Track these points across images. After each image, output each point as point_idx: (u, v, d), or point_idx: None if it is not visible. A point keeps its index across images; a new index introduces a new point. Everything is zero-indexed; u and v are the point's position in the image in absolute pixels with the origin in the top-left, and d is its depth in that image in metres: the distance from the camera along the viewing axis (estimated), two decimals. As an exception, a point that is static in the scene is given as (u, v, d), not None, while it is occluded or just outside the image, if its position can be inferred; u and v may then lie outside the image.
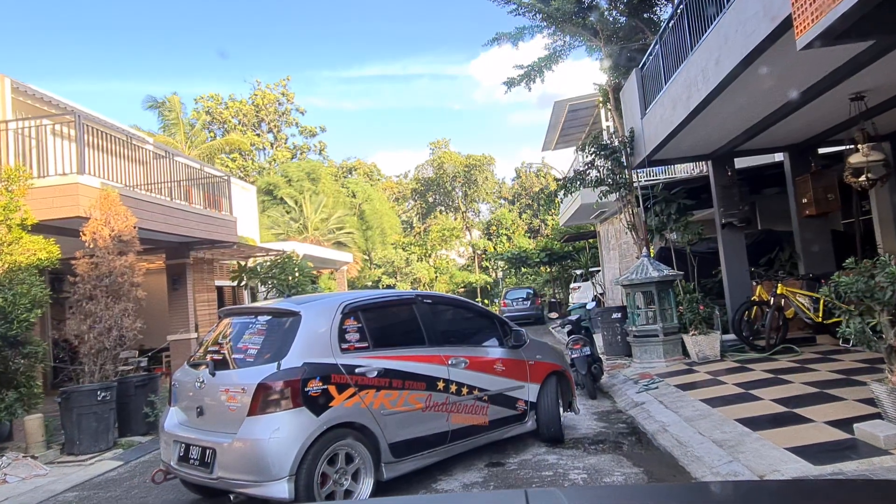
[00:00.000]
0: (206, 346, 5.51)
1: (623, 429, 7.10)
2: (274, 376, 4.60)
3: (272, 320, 5.22)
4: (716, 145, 10.53)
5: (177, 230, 12.65)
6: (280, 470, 4.45)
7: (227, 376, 4.89)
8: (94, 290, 9.01)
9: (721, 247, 10.96)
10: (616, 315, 11.20)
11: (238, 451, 4.57)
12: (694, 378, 8.67)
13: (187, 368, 5.45)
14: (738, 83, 6.83)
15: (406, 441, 5.17)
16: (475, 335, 6.42)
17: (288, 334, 4.90)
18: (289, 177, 36.70)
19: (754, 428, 5.76)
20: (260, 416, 4.54)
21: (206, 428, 4.89)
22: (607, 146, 11.10)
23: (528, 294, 27.42)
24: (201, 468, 4.75)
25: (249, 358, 4.95)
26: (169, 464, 5.12)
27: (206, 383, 4.94)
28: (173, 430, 5.15)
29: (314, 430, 4.61)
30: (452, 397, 5.60)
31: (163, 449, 5.32)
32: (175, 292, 14.90)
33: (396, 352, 5.40)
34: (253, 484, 4.51)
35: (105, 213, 9.30)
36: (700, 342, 9.74)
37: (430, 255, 40.24)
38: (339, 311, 5.18)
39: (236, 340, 5.18)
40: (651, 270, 10.21)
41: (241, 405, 4.62)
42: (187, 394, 5.20)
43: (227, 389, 4.77)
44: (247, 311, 5.73)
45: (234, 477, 4.58)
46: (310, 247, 23.10)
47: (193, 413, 5.03)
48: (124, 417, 8.60)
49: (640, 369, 9.96)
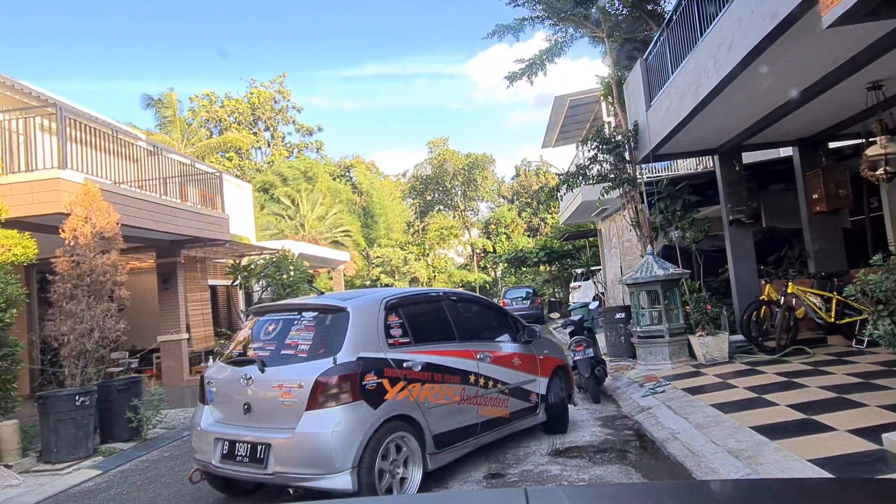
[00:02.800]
0: (238, 344, 5.56)
1: (629, 436, 6.71)
2: (332, 371, 4.65)
3: (319, 316, 5.18)
4: (723, 139, 10.15)
5: (166, 227, 12.26)
6: (344, 462, 4.51)
7: (279, 372, 4.86)
8: (74, 289, 8.59)
9: (728, 244, 10.58)
10: (619, 315, 10.81)
11: (299, 445, 4.58)
12: (702, 381, 8.29)
13: (224, 366, 5.39)
14: (751, 70, 6.45)
15: (446, 432, 5.32)
16: (494, 331, 6.64)
17: (338, 330, 4.94)
18: (285, 175, 36.33)
19: (772, 437, 5.38)
20: (319, 410, 4.58)
21: (256, 424, 4.84)
22: (610, 140, 10.71)
23: (528, 293, 27.05)
24: (252, 465, 4.71)
25: (301, 353, 4.93)
26: (209, 463, 5.01)
27: (254, 380, 4.89)
28: (212, 428, 5.09)
29: (373, 422, 4.70)
30: (481, 390, 5.81)
31: (198, 448, 5.22)
32: (165, 292, 14.51)
33: (434, 347, 5.55)
34: (315, 477, 4.54)
35: (86, 209, 8.90)
36: (707, 343, 9.36)
37: (427, 254, 39.80)
38: (383, 307, 5.28)
39: (282, 337, 5.14)
40: (656, 269, 9.83)
41: (298, 400, 4.64)
42: (229, 391, 5.14)
43: (281, 385, 4.76)
44: (286, 308, 5.60)
45: (294, 471, 4.59)
46: (306, 245, 22.72)
47: (238, 410, 4.96)
48: (106, 423, 8.22)
49: (646, 371, 9.57)
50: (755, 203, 10.46)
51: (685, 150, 10.82)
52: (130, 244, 13.60)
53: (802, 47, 5.92)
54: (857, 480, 3.23)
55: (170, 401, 11.94)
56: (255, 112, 48.84)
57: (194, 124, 42.45)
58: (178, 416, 9.97)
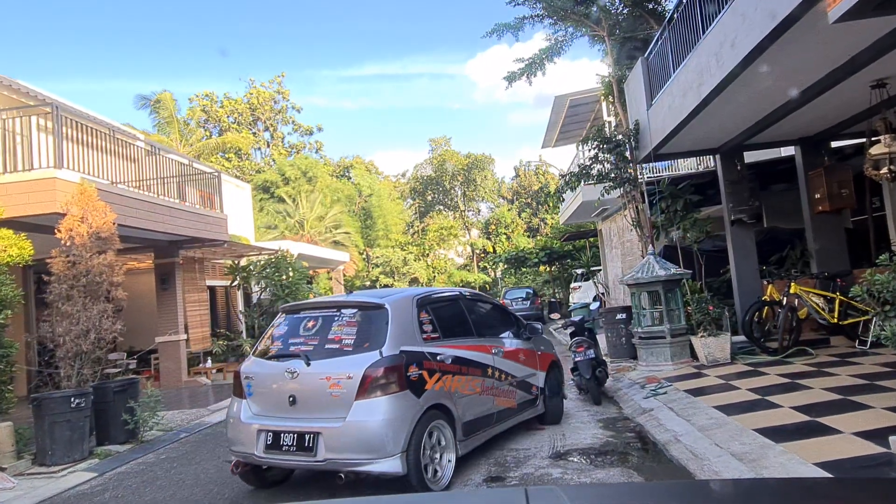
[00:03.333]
0: (273, 340, 5.74)
1: (631, 438, 6.63)
2: (379, 363, 4.96)
3: (360, 313, 5.46)
4: (725, 138, 10.07)
5: (164, 228, 12.18)
6: (394, 447, 4.82)
7: (325, 365, 5.11)
8: (70, 290, 8.52)
9: (730, 245, 10.50)
10: (620, 316, 10.73)
11: (351, 432, 4.83)
12: (704, 382, 8.21)
13: (263, 361, 5.59)
14: (755, 67, 6.36)
15: (471, 421, 5.67)
16: (501, 327, 7.03)
17: (380, 325, 5.25)
18: (286, 174, 36.22)
19: (776, 439, 5.29)
20: (369, 399, 4.87)
21: (303, 415, 5.08)
22: (611, 139, 10.62)
23: (528, 294, 26.97)
24: (301, 453, 4.95)
25: (347, 347, 5.21)
26: (251, 454, 5.20)
27: (300, 373, 5.13)
28: (254, 420, 5.28)
29: (417, 410, 5.04)
30: (496, 382, 6.22)
31: (236, 440, 5.39)
32: (163, 292, 14.42)
33: (458, 341, 5.94)
34: (368, 462, 4.82)
35: (82, 209, 8.82)
36: (709, 344, 9.28)
37: (427, 255, 39.69)
38: (415, 304, 5.65)
39: (324, 332, 5.38)
40: (657, 269, 9.74)
41: (347, 391, 4.92)
42: (271, 385, 5.36)
43: (329, 377, 5.01)
44: (323, 306, 5.87)
45: (346, 457, 4.85)
46: (305, 245, 22.63)
47: (282, 402, 5.18)
48: (102, 425, 8.12)
49: (647, 373, 9.49)
50: (757, 203, 10.38)
51: (686, 150, 10.74)
52: (128, 244, 13.52)
53: (806, 44, 5.84)
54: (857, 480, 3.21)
55: (168, 402, 11.86)
56: (254, 112, 48.77)
57: (192, 124, 42.39)
58: (176, 417, 9.89)
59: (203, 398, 12.28)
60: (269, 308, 18.31)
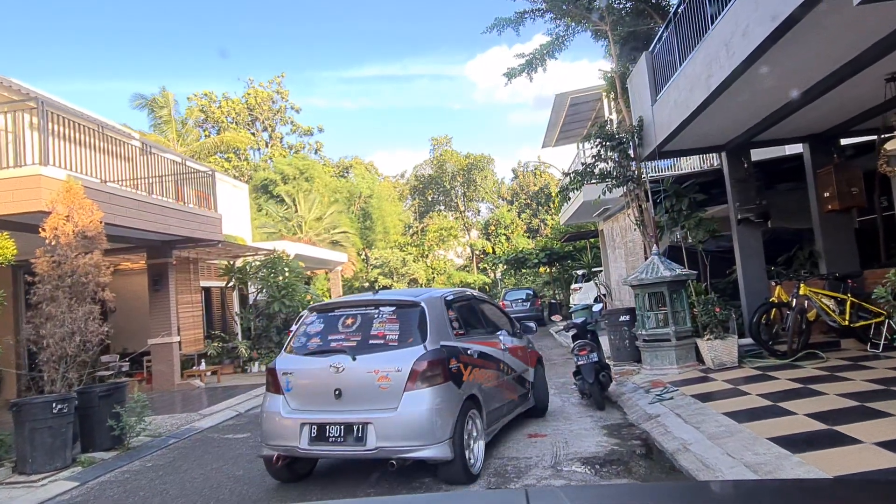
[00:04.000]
0: (304, 337, 5.89)
1: (637, 446, 6.33)
2: (425, 356, 5.28)
3: (398, 311, 5.72)
4: (731, 135, 9.78)
5: (155, 227, 11.87)
6: (443, 434, 5.13)
7: (372, 360, 5.35)
8: (55, 290, 8.22)
9: (736, 245, 10.20)
10: (624, 318, 10.42)
11: (402, 421, 5.11)
12: (712, 387, 7.92)
13: (301, 357, 5.72)
14: (768, 58, 6.07)
15: (491, 411, 6.06)
16: (503, 326, 7.46)
17: (419, 322, 5.55)
18: (285, 173, 35.92)
19: (793, 449, 5.00)
20: (418, 390, 5.16)
21: (350, 407, 5.28)
22: (614, 136, 10.32)
23: (528, 295, 26.63)
24: (350, 443, 5.19)
25: (392, 343, 5.46)
26: (294, 447, 5.37)
27: (346, 367, 5.32)
28: (295, 414, 5.44)
29: (458, 400, 5.41)
30: (504, 376, 6.68)
31: (275, 434, 5.54)
32: (156, 293, 14.12)
33: (478, 338, 6.40)
34: (418, 448, 5.09)
35: (68, 207, 8.52)
36: (716, 347, 8.98)
37: (426, 256, 39.35)
38: (443, 303, 6.00)
39: (365, 329, 5.59)
40: (662, 269, 9.45)
41: (395, 383, 5.19)
42: (313, 380, 5.53)
43: (377, 370, 5.26)
44: (359, 304, 6.01)
45: (398, 445, 5.11)
46: (302, 246, 22.31)
47: (327, 396, 5.35)
48: (87, 431, 7.81)
49: (651, 376, 9.20)
50: (764, 201, 10.08)
51: (691, 147, 10.44)
52: (119, 244, 13.25)
53: (824, 32, 5.56)
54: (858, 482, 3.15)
55: (159, 406, 11.56)
56: (252, 112, 48.47)
57: (190, 123, 42.07)
58: (166, 422, 9.59)
59: (195, 402, 11.98)
60: (265, 309, 18.04)
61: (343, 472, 6.18)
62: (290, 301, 17.74)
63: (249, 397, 11.95)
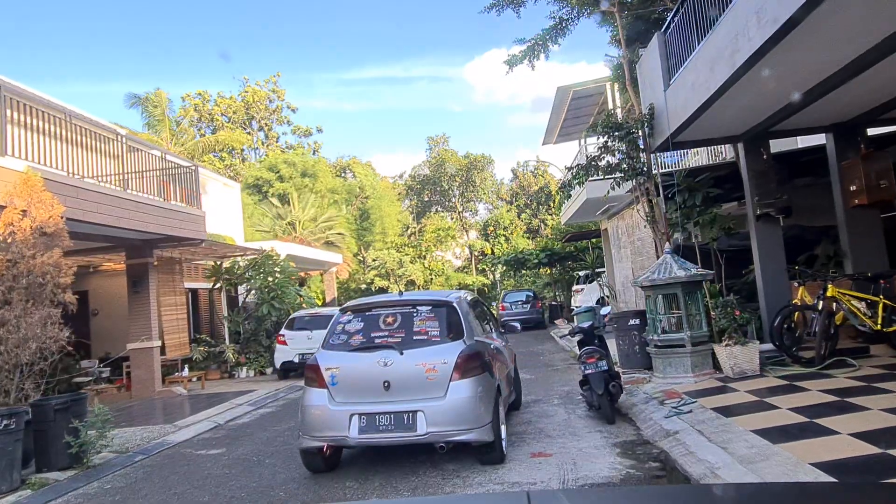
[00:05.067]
0: (344, 335, 6.22)
1: (656, 469, 5.56)
2: (467, 350, 5.88)
3: (434, 309, 6.22)
4: (750, 122, 9.02)
5: (131, 224, 11.10)
6: (486, 418, 5.68)
7: (418, 354, 5.83)
8: (8, 292, 7.46)
9: (755, 242, 9.44)
10: (633, 321, 9.65)
11: (450, 408, 5.62)
12: (734, 399, 7.15)
13: (344, 354, 6.09)
14: (804, 28, 5.31)
15: (503, 399, 6.66)
16: (495, 326, 8.20)
17: (454, 319, 6.15)
18: (280, 171, 35.12)
19: (844, 478, 4.23)
20: (463, 380, 5.70)
21: (399, 397, 5.69)
22: (622, 126, 9.56)
23: (528, 297, 25.79)
24: (400, 430, 5.60)
25: (435, 338, 5.97)
26: (344, 437, 5.70)
27: (394, 361, 5.77)
28: (344, 406, 5.77)
29: (494, 388, 6.07)
30: (507, 370, 7.43)
31: (322, 426, 5.81)
32: (136, 295, 13.34)
33: (489, 335, 7.17)
34: (465, 432, 5.59)
35: (25, 201, 7.76)
36: (736, 354, 8.21)
37: (424, 257, 38.49)
38: (468, 304, 6.74)
39: (408, 326, 6.05)
40: (676, 269, 8.69)
41: (442, 374, 5.70)
42: (361, 373, 5.88)
43: (424, 363, 5.75)
44: (396, 304, 6.38)
45: (446, 429, 5.59)
46: (293, 246, 21.52)
47: (376, 388, 5.75)
48: (41, 449, 7.04)
49: (665, 386, 8.44)
50: (785, 196, 9.32)
51: (705, 138, 9.68)
52: (95, 243, 12.47)
53: None
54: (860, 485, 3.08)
55: (136, 415, 10.79)
56: (248, 111, 47.70)
57: (184, 122, 41.33)
58: (137, 435, 8.81)
59: (174, 411, 11.21)
60: (254, 312, 17.27)
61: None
62: (279, 303, 16.96)
63: (232, 406, 11.19)
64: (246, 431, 9.16)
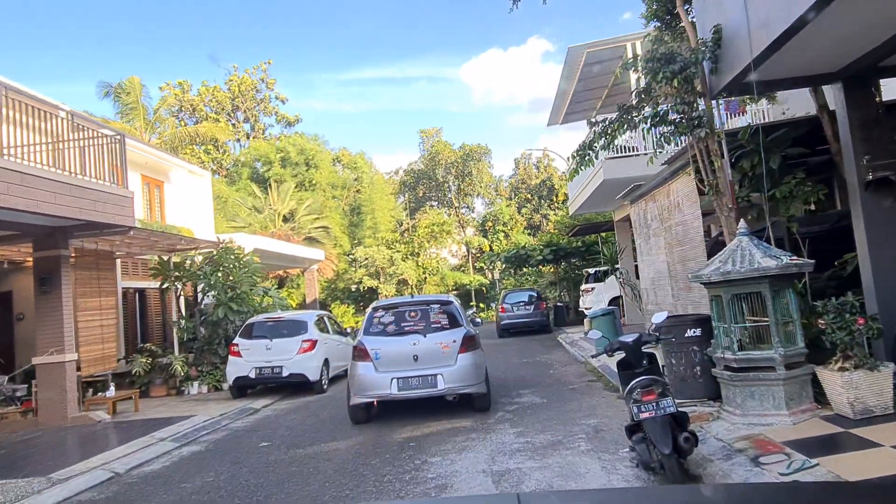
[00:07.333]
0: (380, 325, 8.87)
1: None
2: (467, 333, 8.61)
3: (441, 306, 9.04)
4: (855, 53, 6.34)
5: (24, 205, 8.40)
6: (481, 378, 8.52)
7: (437, 336, 8.53)
8: None
9: (861, 221, 6.74)
10: (693, 332, 6.89)
11: (460, 371, 8.31)
12: (875, 458, 4.48)
13: (382, 338, 8.65)
14: None
15: None
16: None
17: (455, 313, 8.96)
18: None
19: None
20: (467, 353, 8.40)
21: (425, 366, 8.32)
22: (674, 58, 6.84)
23: (531, 297, 22.95)
24: (427, 387, 8.26)
25: (445, 326, 8.70)
26: (387, 394, 8.29)
27: (421, 342, 8.45)
28: (385, 373, 8.30)
29: (484, 358, 8.95)
30: None
31: (368, 388, 8.36)
32: (44, 296, 10.60)
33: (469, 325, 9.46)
34: (469, 387, 8.36)
35: None
36: (858, 382, 5.50)
37: (417, 254, 35.68)
38: (457, 301, 9.72)
39: (427, 317, 8.81)
40: (760, 257, 5.99)
41: (452, 349, 8.38)
42: (397, 350, 8.44)
43: (441, 342, 8.45)
44: (414, 304, 9.23)
45: (456, 385, 8.30)
46: (263, 239, 18.79)
47: (408, 360, 8.35)
48: None
49: (745, 428, 5.77)
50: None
51: (790, 76, 6.95)
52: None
53: None
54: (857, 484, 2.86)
55: (15, 458, 8.08)
56: (234, 101, 45.05)
57: (164, 113, 38.60)
58: (14, 488, 6.08)
59: (73, 449, 8.52)
60: (209, 316, 14.55)
61: None
62: (238, 305, 14.21)
63: (150, 442, 8.42)
64: (146, 490, 6.47)
